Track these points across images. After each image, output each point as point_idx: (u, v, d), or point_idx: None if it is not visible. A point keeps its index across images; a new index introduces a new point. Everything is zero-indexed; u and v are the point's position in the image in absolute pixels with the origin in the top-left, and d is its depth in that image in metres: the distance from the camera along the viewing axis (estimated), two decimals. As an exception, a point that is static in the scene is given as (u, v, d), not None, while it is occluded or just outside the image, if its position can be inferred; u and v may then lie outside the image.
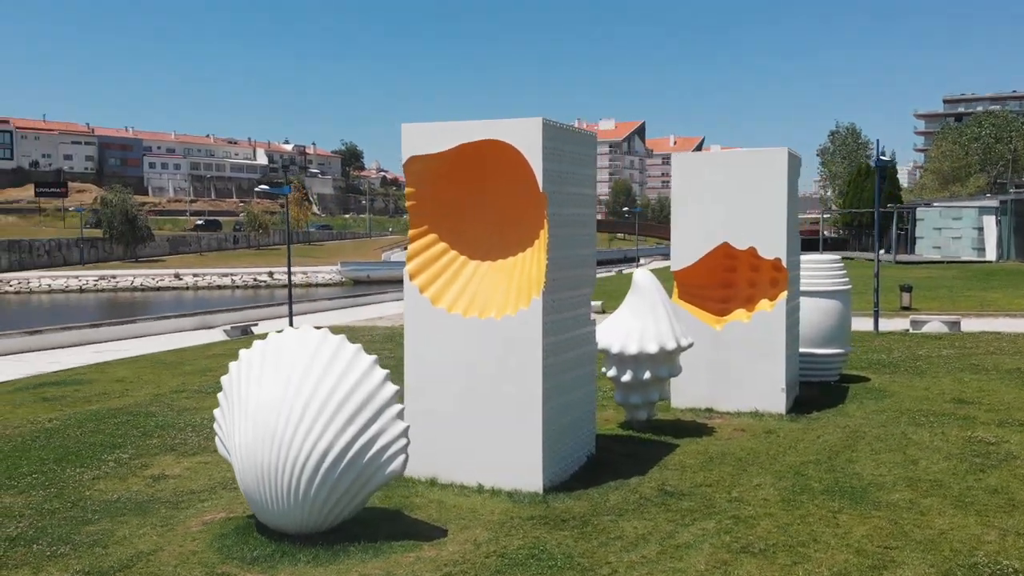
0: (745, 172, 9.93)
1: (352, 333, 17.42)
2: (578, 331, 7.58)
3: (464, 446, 7.18)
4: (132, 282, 61.84)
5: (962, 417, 9.50)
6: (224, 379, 6.41)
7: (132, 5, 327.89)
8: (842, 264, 11.97)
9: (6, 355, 18.73)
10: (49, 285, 59.16)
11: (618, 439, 8.86)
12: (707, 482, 7.30)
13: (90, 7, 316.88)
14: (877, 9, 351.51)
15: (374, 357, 6.10)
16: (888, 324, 18.82)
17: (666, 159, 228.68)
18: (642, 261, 65.70)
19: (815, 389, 11.30)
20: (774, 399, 9.86)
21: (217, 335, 21.62)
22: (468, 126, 7.08)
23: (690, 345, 9.00)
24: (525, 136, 6.84)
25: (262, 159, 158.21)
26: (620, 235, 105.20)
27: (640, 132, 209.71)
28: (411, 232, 7.44)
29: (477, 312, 7.13)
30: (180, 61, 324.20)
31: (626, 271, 49.71)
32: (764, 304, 9.96)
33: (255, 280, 63.98)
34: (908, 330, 17.93)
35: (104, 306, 50.81)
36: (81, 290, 59.26)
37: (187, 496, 7.30)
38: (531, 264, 7.09)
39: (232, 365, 6.36)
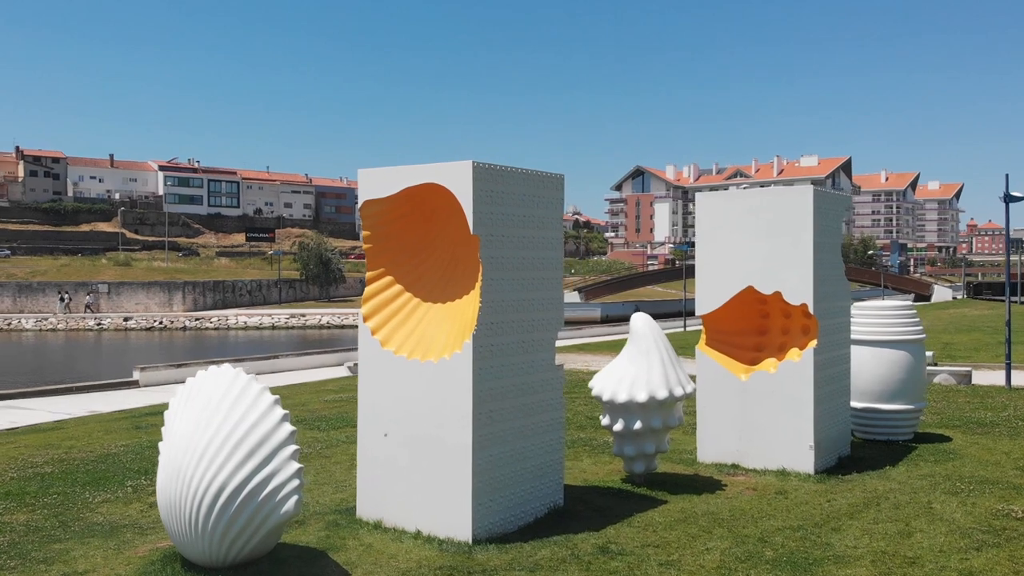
0: (769, 212, 9.30)
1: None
2: (534, 376, 7.36)
3: (407, 490, 7.14)
4: (319, 320, 66.03)
5: (1015, 487, 8.32)
6: (166, 413, 6.77)
7: (349, 69, 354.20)
8: (914, 311, 10.86)
9: (153, 386, 20.56)
10: (245, 322, 64.40)
11: (606, 492, 8.45)
12: (658, 542, 6.82)
13: (310, 68, 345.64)
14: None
15: (276, 397, 6.24)
16: (1033, 379, 16.79)
17: (876, 196, 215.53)
18: None
19: (879, 448, 10.30)
20: (802, 457, 9.07)
21: (342, 371, 22.65)
22: (411, 170, 7.15)
23: (686, 395, 8.47)
24: (457, 179, 6.81)
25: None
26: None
27: (846, 167, 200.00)
28: (368, 275, 7.56)
29: (420, 355, 7.12)
30: (395, 113, 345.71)
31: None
32: (793, 353, 9.23)
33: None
34: (1052, 386, 15.91)
35: (293, 341, 54.53)
36: (273, 327, 64.03)
37: (162, 524, 7.69)
38: (469, 307, 7.01)
39: (171, 400, 6.71)
